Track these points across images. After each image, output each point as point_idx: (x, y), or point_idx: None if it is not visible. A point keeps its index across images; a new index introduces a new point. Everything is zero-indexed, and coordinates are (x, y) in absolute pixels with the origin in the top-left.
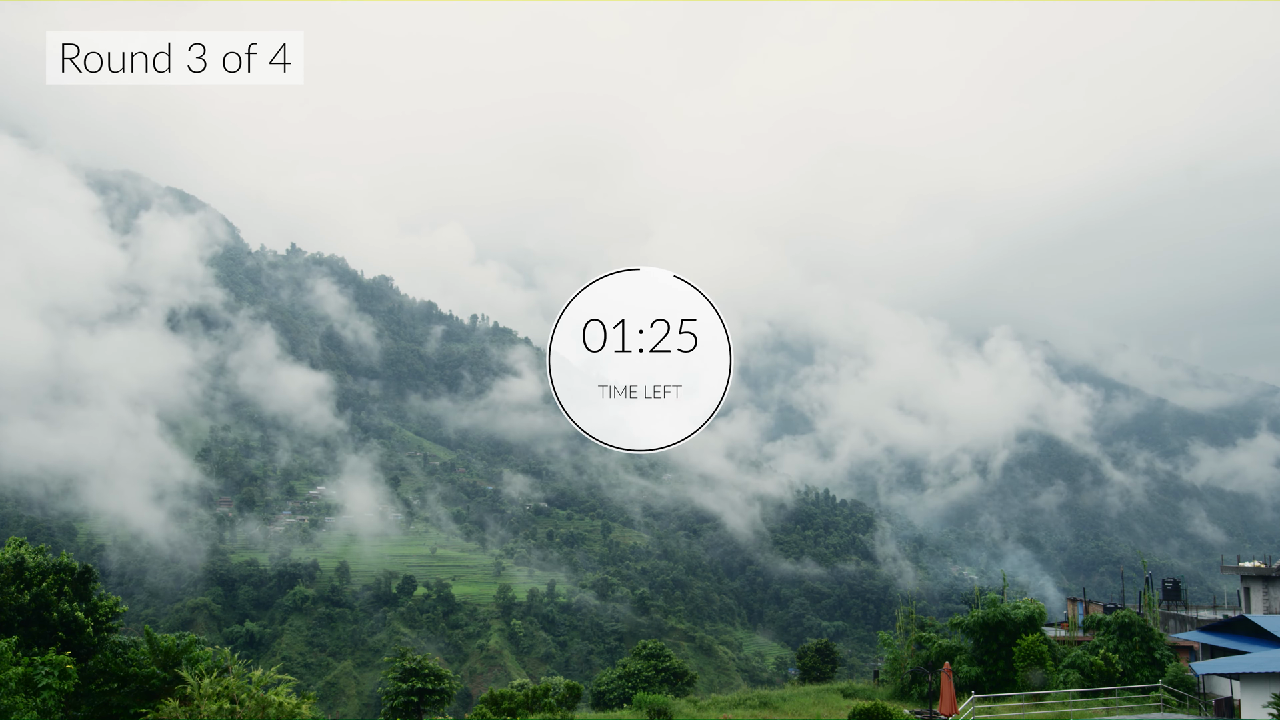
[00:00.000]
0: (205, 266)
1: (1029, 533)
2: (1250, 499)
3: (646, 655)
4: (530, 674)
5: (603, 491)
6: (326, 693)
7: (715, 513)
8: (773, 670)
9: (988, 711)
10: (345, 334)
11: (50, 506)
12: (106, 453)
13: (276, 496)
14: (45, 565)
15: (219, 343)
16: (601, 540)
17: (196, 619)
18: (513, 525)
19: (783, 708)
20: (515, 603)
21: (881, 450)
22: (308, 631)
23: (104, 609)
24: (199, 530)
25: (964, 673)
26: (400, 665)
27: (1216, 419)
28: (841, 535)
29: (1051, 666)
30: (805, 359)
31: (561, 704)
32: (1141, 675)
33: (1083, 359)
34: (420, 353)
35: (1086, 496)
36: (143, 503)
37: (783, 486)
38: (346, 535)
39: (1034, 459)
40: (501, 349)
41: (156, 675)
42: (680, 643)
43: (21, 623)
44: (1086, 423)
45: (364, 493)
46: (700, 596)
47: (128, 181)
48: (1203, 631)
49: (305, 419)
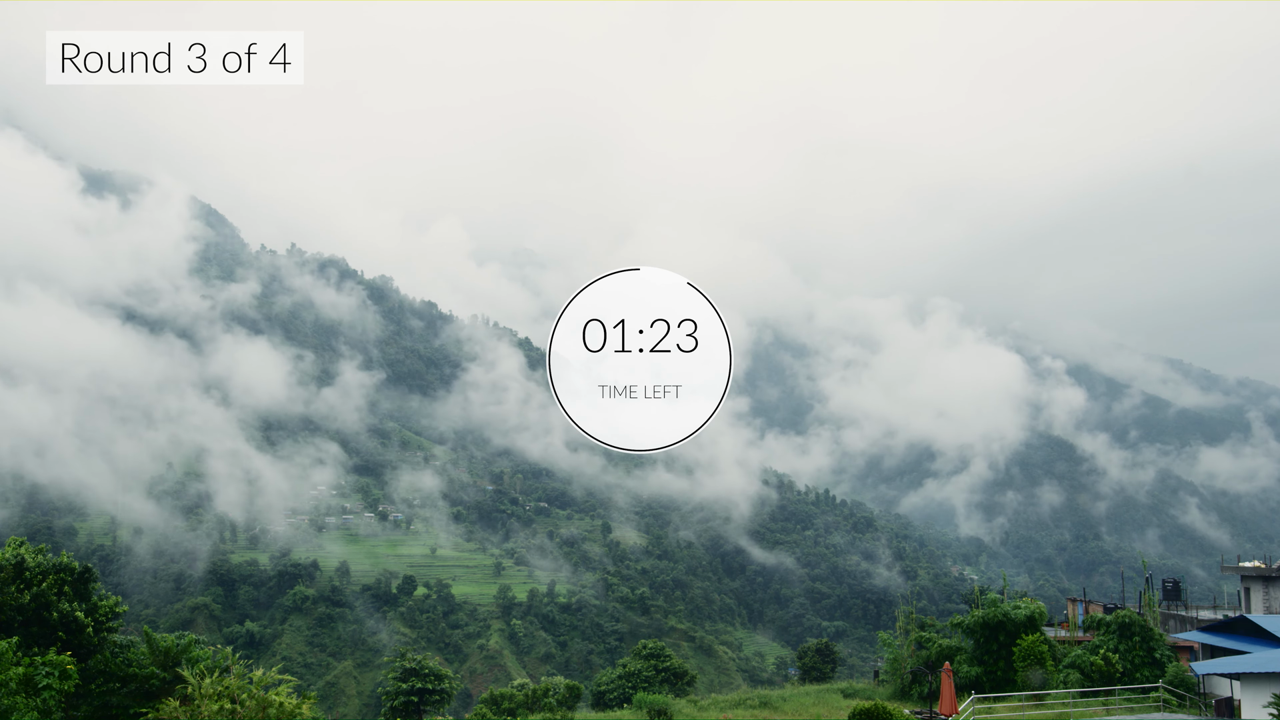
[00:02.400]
0: (205, 266)
1: (1029, 532)
2: (1251, 499)
3: (646, 655)
4: (530, 674)
5: (603, 491)
6: (326, 693)
7: (715, 513)
8: (773, 670)
9: (988, 711)
10: (345, 333)
11: (51, 506)
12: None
13: (277, 496)
14: (45, 565)
15: (218, 342)
16: (601, 540)
17: (196, 619)
18: (513, 525)
19: (783, 708)
20: (515, 603)
21: (881, 449)
22: (308, 631)
23: (104, 609)
24: (199, 530)
25: (964, 673)
26: (400, 665)
27: (1217, 418)
28: (841, 535)
29: (1052, 666)
30: (801, 356)
31: (561, 704)
32: (1142, 675)
33: (1083, 357)
34: (420, 352)
35: (1086, 496)
36: (143, 502)
37: (783, 486)
38: (347, 535)
39: (1033, 458)
40: (501, 348)
41: (156, 675)
42: (680, 643)
43: (22, 623)
44: (1086, 421)
45: (364, 492)
46: (700, 596)
47: (128, 181)
48: (1203, 631)
49: (305, 419)
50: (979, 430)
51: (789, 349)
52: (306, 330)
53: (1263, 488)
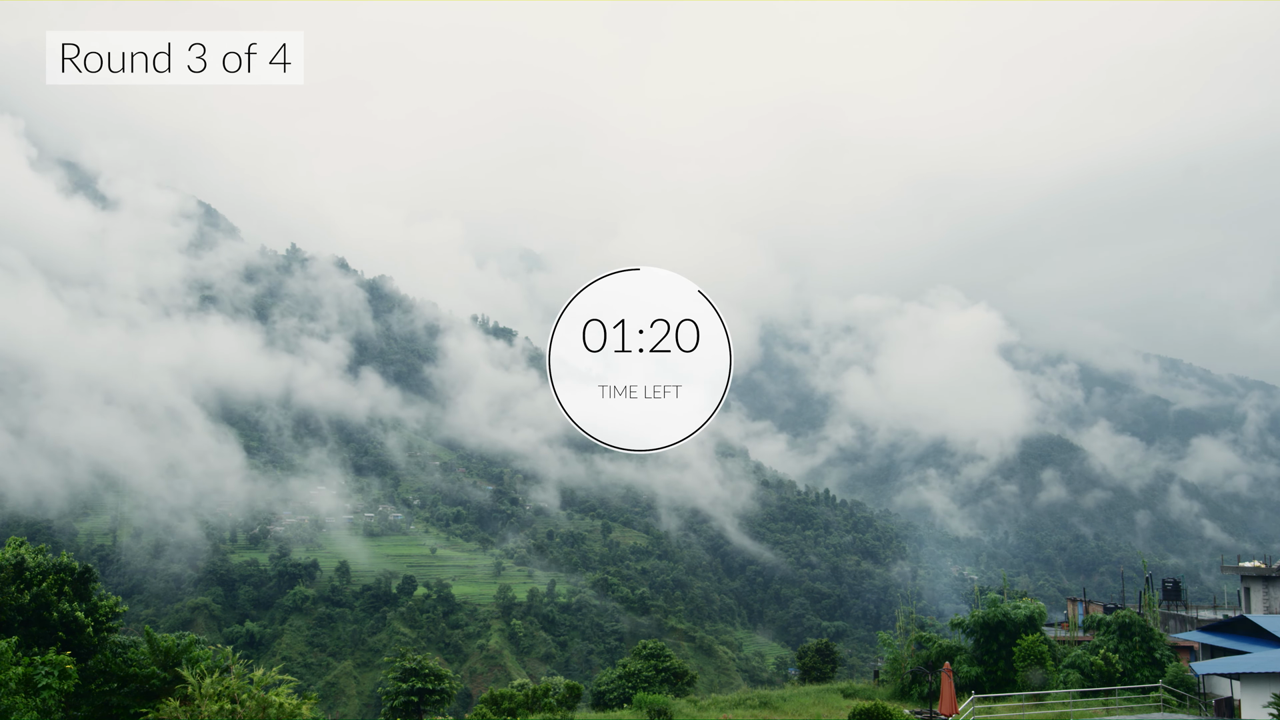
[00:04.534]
0: (205, 266)
1: (1029, 532)
2: (1251, 498)
3: (646, 655)
4: (530, 674)
5: (602, 491)
6: (326, 693)
7: (715, 512)
8: (773, 670)
9: (988, 711)
10: (345, 333)
11: (51, 506)
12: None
13: (277, 496)
14: (45, 565)
15: (217, 341)
16: (601, 540)
17: (196, 619)
18: (513, 525)
19: (783, 708)
20: (515, 603)
21: (880, 448)
22: (308, 631)
23: (104, 609)
24: (199, 530)
25: (964, 673)
26: (400, 665)
27: (1218, 417)
28: (841, 535)
29: (1052, 666)
30: (800, 353)
31: (561, 704)
32: (1141, 675)
33: (1082, 355)
34: (421, 351)
35: (1086, 496)
36: (143, 502)
37: (783, 486)
38: (346, 535)
39: (1033, 457)
40: (502, 348)
41: (156, 675)
42: (680, 643)
43: (21, 623)
44: (1086, 420)
45: (364, 492)
46: (700, 596)
47: (127, 180)
48: (1203, 631)
49: (304, 418)
50: (978, 428)
51: (786, 346)
52: (306, 330)
53: (1263, 486)
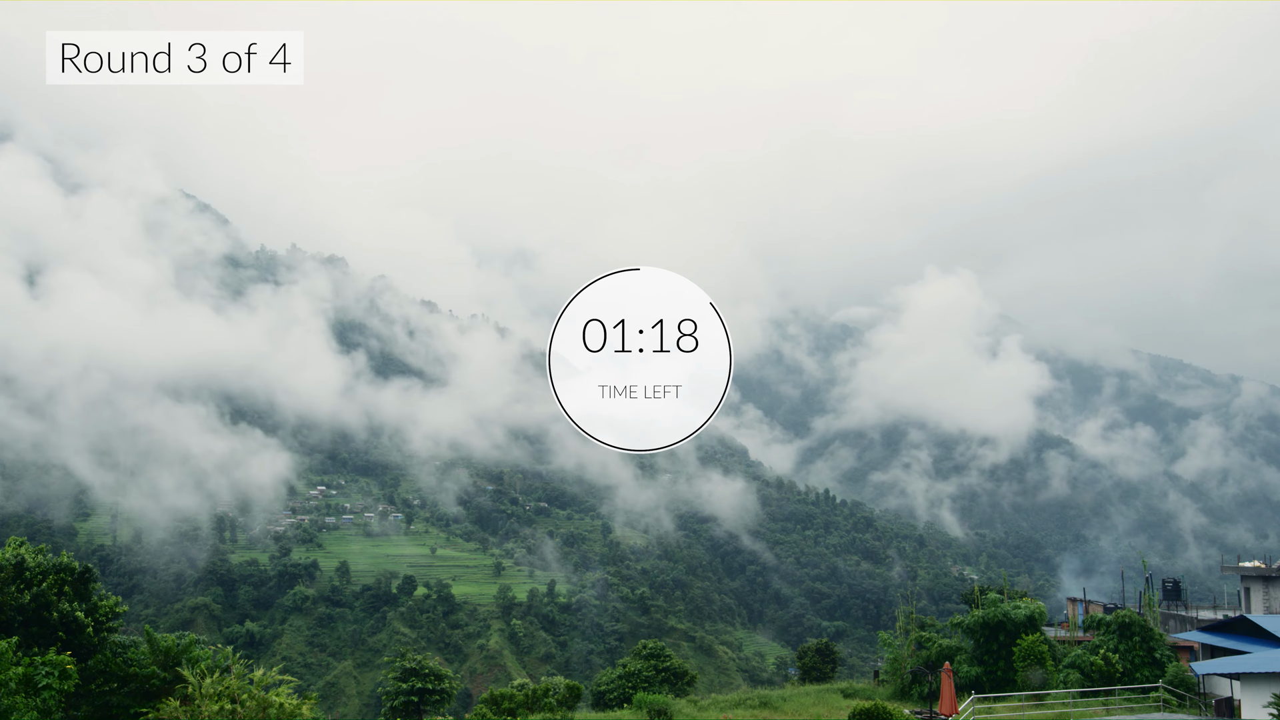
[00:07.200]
0: (205, 266)
1: (1028, 531)
2: (1251, 498)
3: (646, 655)
4: (530, 674)
5: (603, 491)
6: (326, 693)
7: (715, 512)
8: (773, 670)
9: (988, 711)
10: (344, 332)
11: (51, 506)
12: (105, 451)
13: (277, 496)
14: (45, 565)
15: (217, 340)
16: (601, 540)
17: (196, 619)
18: (513, 525)
19: (783, 708)
20: (515, 603)
21: (881, 447)
22: (308, 631)
23: (104, 609)
24: (199, 530)
25: (964, 673)
26: (400, 665)
27: (1218, 416)
28: (841, 535)
29: (1052, 666)
30: (798, 351)
31: (561, 704)
32: (1142, 675)
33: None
34: (421, 350)
35: (1085, 495)
36: (143, 502)
37: (782, 485)
38: (347, 535)
39: (1032, 456)
40: (502, 347)
41: (157, 675)
42: (680, 643)
43: (21, 623)
44: (1086, 419)
45: (364, 492)
46: (700, 596)
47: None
48: (1203, 631)
49: (304, 418)
50: (978, 428)
51: (785, 344)
52: (305, 328)
53: (1264, 486)
